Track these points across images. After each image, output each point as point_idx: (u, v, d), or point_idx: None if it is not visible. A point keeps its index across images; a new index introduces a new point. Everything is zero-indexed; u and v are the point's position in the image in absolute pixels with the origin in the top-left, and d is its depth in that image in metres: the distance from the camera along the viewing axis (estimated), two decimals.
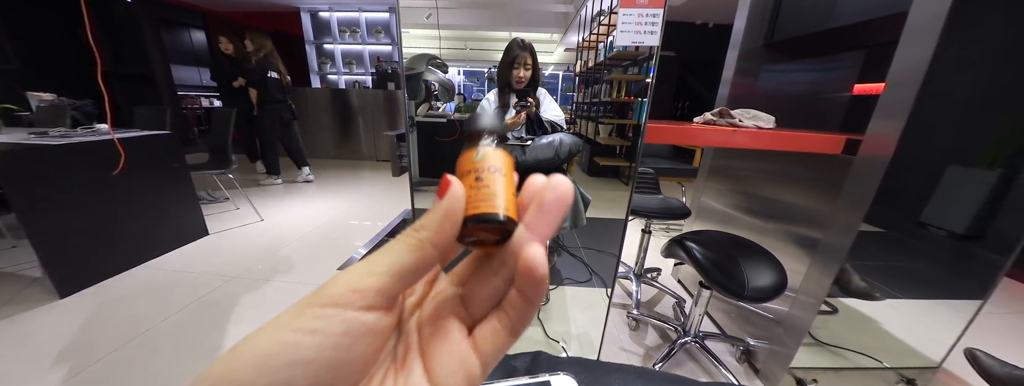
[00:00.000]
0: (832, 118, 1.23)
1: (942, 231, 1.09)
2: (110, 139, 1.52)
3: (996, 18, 0.90)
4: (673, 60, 4.87)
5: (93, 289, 1.53)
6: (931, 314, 1.18)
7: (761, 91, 1.46)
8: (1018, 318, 1.60)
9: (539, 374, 0.29)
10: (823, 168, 1.09)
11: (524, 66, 1.32)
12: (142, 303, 1.45)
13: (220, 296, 1.52)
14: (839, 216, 0.97)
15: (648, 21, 0.73)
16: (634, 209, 1.47)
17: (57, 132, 1.64)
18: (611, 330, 1.42)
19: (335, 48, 4.79)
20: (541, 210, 0.17)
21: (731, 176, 1.55)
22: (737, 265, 0.96)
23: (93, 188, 1.54)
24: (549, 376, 0.29)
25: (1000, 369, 0.86)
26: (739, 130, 1.00)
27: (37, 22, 3.70)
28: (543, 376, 0.29)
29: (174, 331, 1.30)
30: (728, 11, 1.59)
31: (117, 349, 1.20)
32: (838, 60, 1.21)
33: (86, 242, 1.52)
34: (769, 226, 1.30)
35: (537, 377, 0.29)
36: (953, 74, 0.87)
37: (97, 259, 1.58)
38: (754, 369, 1.24)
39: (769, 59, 1.42)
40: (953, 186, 1.05)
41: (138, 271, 1.70)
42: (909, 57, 0.81)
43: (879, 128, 0.87)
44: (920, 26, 0.78)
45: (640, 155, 0.98)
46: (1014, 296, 1.78)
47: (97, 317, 1.36)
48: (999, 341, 1.42)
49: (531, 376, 0.29)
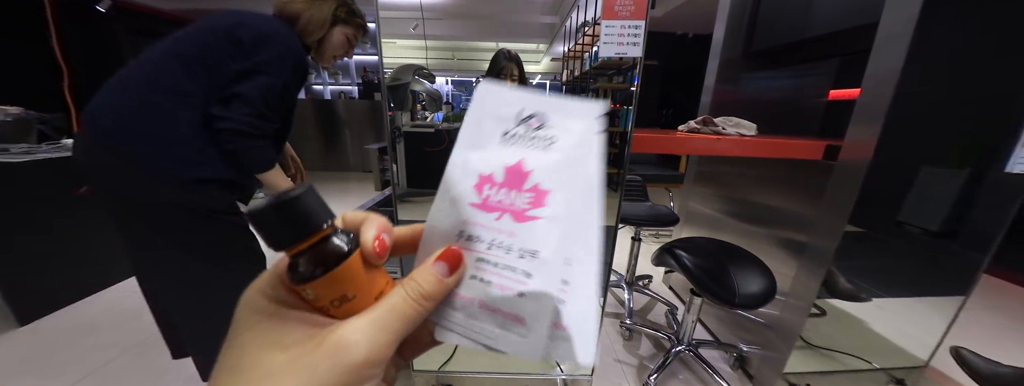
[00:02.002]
0: (811, 122, 1.26)
1: (918, 229, 1.12)
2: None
3: (961, 25, 0.95)
4: (656, 69, 5.00)
5: (55, 315, 1.44)
6: (916, 312, 1.20)
7: (742, 98, 1.49)
8: (998, 313, 1.65)
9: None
10: (806, 172, 1.11)
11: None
12: (108, 330, 1.36)
13: None
14: (824, 219, 0.98)
15: (630, 32, 0.74)
16: (623, 217, 1.47)
17: (20, 148, 1.55)
18: (605, 341, 1.40)
19: None
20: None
21: (717, 181, 1.57)
22: (727, 273, 0.96)
23: (56, 208, 1.45)
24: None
25: (985, 366, 0.87)
26: (722, 138, 1.01)
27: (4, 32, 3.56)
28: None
29: (142, 359, 1.22)
30: (707, 22, 1.64)
31: (82, 379, 1.11)
32: (814, 67, 1.25)
33: (48, 265, 1.43)
34: (756, 230, 1.32)
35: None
36: (924, 78, 0.90)
37: (60, 284, 1.48)
38: (748, 376, 1.23)
39: (749, 67, 1.46)
40: (927, 186, 1.08)
41: (104, 295, 1.60)
42: (881, 64, 0.83)
43: (857, 133, 0.89)
44: (890, 35, 0.81)
45: (627, 162, 0.98)
46: (994, 292, 1.83)
47: (59, 345, 1.27)
48: (982, 336, 1.46)
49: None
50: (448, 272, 0.18)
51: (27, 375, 1.13)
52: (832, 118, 1.16)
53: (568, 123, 0.20)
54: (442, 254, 0.18)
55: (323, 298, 0.16)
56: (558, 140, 0.19)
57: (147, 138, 0.71)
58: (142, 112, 0.70)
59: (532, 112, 0.20)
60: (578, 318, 0.18)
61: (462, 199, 0.19)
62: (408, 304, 0.17)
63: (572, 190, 0.19)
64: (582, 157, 0.19)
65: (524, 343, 0.18)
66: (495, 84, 0.20)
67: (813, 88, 1.25)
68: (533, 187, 0.19)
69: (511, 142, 0.20)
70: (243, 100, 0.73)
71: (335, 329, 0.15)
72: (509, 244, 0.18)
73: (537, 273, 0.18)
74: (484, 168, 0.19)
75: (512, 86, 0.20)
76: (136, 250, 0.81)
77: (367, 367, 0.15)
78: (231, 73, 0.74)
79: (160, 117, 0.71)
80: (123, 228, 0.79)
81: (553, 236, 0.18)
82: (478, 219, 0.19)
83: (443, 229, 0.19)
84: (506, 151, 0.20)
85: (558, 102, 0.20)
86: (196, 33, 0.75)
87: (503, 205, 0.19)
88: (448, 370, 1.12)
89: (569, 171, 0.19)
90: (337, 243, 0.16)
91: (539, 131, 0.20)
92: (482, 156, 0.20)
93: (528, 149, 0.19)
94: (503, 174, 0.19)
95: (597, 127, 0.19)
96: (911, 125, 0.94)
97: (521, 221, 0.18)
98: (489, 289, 0.18)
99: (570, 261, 0.19)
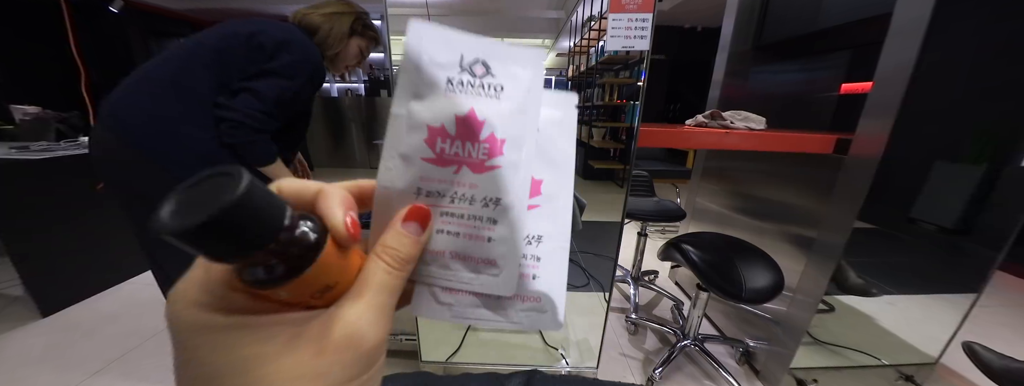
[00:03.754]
0: (821, 117, 1.24)
1: (931, 226, 1.10)
2: None
3: (978, 17, 0.92)
4: (663, 63, 4.94)
5: (76, 307, 1.49)
6: (927, 309, 1.19)
7: (751, 92, 1.47)
8: (1012, 311, 1.62)
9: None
10: (815, 167, 1.09)
11: None
12: (127, 321, 1.41)
13: None
14: (833, 214, 0.97)
15: (637, 25, 0.74)
16: (629, 212, 1.47)
17: (39, 146, 1.60)
18: (610, 335, 1.41)
19: None
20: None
21: (724, 177, 1.56)
22: (734, 267, 0.96)
23: (77, 203, 1.50)
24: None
25: (998, 362, 0.86)
26: (731, 132, 1.00)
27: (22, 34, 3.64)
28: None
29: (160, 349, 1.26)
30: (716, 15, 1.61)
31: (102, 369, 1.16)
32: (825, 60, 1.23)
33: (69, 259, 1.48)
34: (764, 226, 1.31)
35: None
36: (938, 72, 0.88)
37: (80, 276, 1.53)
38: (754, 370, 1.23)
39: (758, 61, 1.44)
40: (940, 181, 1.06)
41: (124, 287, 1.65)
42: (895, 57, 0.82)
43: (868, 127, 0.88)
44: (905, 27, 0.80)
45: (634, 158, 0.98)
46: (1007, 289, 1.80)
47: (81, 336, 1.31)
48: (995, 334, 1.43)
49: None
50: (420, 230, 0.18)
51: (50, 363, 1.17)
52: (843, 113, 1.14)
53: (514, 70, 0.19)
54: (409, 213, 0.18)
55: (301, 295, 0.15)
56: (506, 88, 0.19)
57: (164, 136, 0.72)
58: (161, 110, 0.72)
59: (475, 57, 0.19)
60: (549, 288, 0.19)
61: (414, 155, 0.18)
62: (393, 275, 0.16)
63: (526, 139, 0.19)
64: (532, 105, 0.19)
65: (497, 282, 0.19)
66: (427, 24, 0.18)
67: (824, 82, 1.23)
68: (489, 137, 0.18)
69: (457, 90, 0.18)
70: (253, 94, 0.74)
71: (331, 323, 0.14)
72: (471, 194, 0.18)
73: (502, 218, 0.18)
74: (433, 120, 0.18)
75: (446, 27, 0.19)
76: (149, 242, 0.83)
77: (379, 348, 0.15)
78: (248, 74, 0.75)
79: (179, 116, 0.73)
80: (137, 221, 0.82)
81: (514, 182, 0.19)
82: (435, 175, 0.18)
83: (399, 188, 0.19)
84: (453, 100, 0.18)
85: (500, 47, 0.19)
86: (217, 37, 0.76)
87: (460, 158, 0.18)
88: (455, 361, 1.14)
89: (521, 119, 0.19)
90: (306, 235, 0.14)
91: (484, 78, 0.19)
92: (427, 106, 0.18)
93: (476, 97, 0.19)
94: (455, 125, 0.18)
95: (541, 75, 0.20)
96: (925, 119, 0.92)
97: (480, 171, 0.18)
98: (458, 240, 0.19)
99: (538, 217, 0.20)
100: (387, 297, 0.16)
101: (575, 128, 0.21)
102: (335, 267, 0.15)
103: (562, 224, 0.20)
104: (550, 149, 0.20)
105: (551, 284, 0.19)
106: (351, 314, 0.14)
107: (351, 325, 0.14)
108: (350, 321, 0.14)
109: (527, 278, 0.19)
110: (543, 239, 0.20)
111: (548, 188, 0.20)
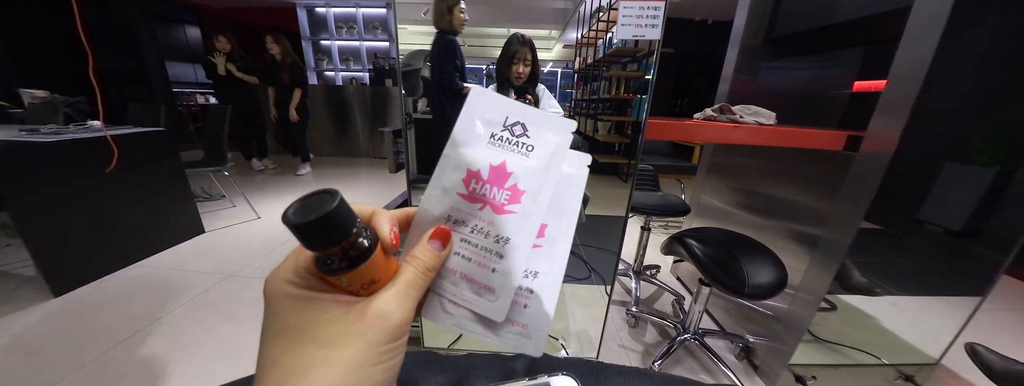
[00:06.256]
0: (832, 115, 1.22)
1: (939, 228, 1.09)
2: (103, 136, 1.50)
3: (997, 16, 0.90)
4: (672, 57, 4.86)
5: (87, 288, 1.52)
6: (930, 311, 1.19)
7: (761, 88, 1.45)
8: (1016, 315, 1.61)
9: (538, 375, 0.28)
10: (823, 165, 1.08)
11: (524, 62, 1.30)
12: (136, 302, 1.44)
13: (216, 294, 1.51)
14: (839, 213, 0.96)
15: (649, 14, 0.72)
16: (633, 206, 1.46)
17: (49, 129, 1.61)
18: (610, 327, 1.42)
19: (332, 44, 4.73)
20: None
21: (730, 173, 1.54)
22: (737, 262, 0.95)
23: (86, 186, 1.52)
24: (549, 377, 0.28)
25: (1000, 363, 0.86)
26: (740, 126, 0.99)
27: (29, 18, 3.65)
28: (542, 377, 0.28)
29: (169, 330, 1.29)
30: (728, 7, 1.58)
31: (112, 348, 1.19)
32: (838, 57, 1.20)
33: (79, 241, 1.51)
34: (769, 223, 1.30)
35: (537, 378, 0.28)
36: (954, 72, 0.86)
37: (91, 258, 1.56)
38: (753, 366, 1.24)
39: (769, 56, 1.41)
40: (950, 183, 1.04)
41: (132, 270, 1.68)
42: (911, 54, 0.80)
43: (881, 125, 0.86)
44: (922, 23, 0.78)
45: (640, 152, 0.97)
46: (1014, 293, 1.78)
47: (91, 316, 1.35)
48: (998, 338, 1.43)
49: (530, 378, 0.28)
50: (441, 247, 0.22)
51: (62, 343, 1.20)
52: (855, 112, 1.12)
53: (546, 135, 0.24)
54: (435, 233, 0.22)
55: (355, 284, 0.19)
56: (536, 148, 0.24)
57: None
58: None
59: (517, 120, 0.24)
60: (536, 318, 0.23)
61: (452, 189, 0.23)
62: (418, 276, 0.21)
63: (543, 193, 0.23)
64: (555, 166, 0.24)
65: (492, 307, 0.23)
66: (486, 90, 0.24)
67: (837, 79, 1.20)
68: (512, 186, 0.23)
69: (497, 144, 0.24)
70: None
71: (370, 302, 0.19)
72: (487, 230, 0.23)
73: (507, 255, 0.22)
74: (472, 164, 0.23)
75: (499, 95, 0.24)
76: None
77: (403, 326, 0.19)
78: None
79: None
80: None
81: (524, 227, 0.23)
82: (464, 207, 0.23)
83: (435, 214, 0.23)
84: (492, 151, 0.23)
85: (538, 114, 0.24)
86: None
87: (486, 199, 0.23)
88: (456, 348, 1.16)
89: (543, 176, 0.23)
90: (364, 241, 0.19)
91: (521, 138, 0.24)
92: (471, 153, 0.23)
93: (511, 153, 0.23)
94: (488, 172, 0.23)
95: (568, 141, 0.24)
96: (938, 119, 0.90)
97: (499, 213, 0.23)
98: (469, 264, 0.23)
99: (538, 256, 0.23)
100: (413, 290, 0.20)
101: (584, 183, 0.25)
102: (380, 267, 0.20)
103: (558, 264, 0.24)
104: (559, 200, 0.24)
105: (538, 314, 0.23)
106: (384, 298, 0.19)
107: (384, 305, 0.19)
108: (381, 303, 0.19)
109: (519, 306, 0.23)
110: (539, 275, 0.23)
111: (551, 232, 0.24)
